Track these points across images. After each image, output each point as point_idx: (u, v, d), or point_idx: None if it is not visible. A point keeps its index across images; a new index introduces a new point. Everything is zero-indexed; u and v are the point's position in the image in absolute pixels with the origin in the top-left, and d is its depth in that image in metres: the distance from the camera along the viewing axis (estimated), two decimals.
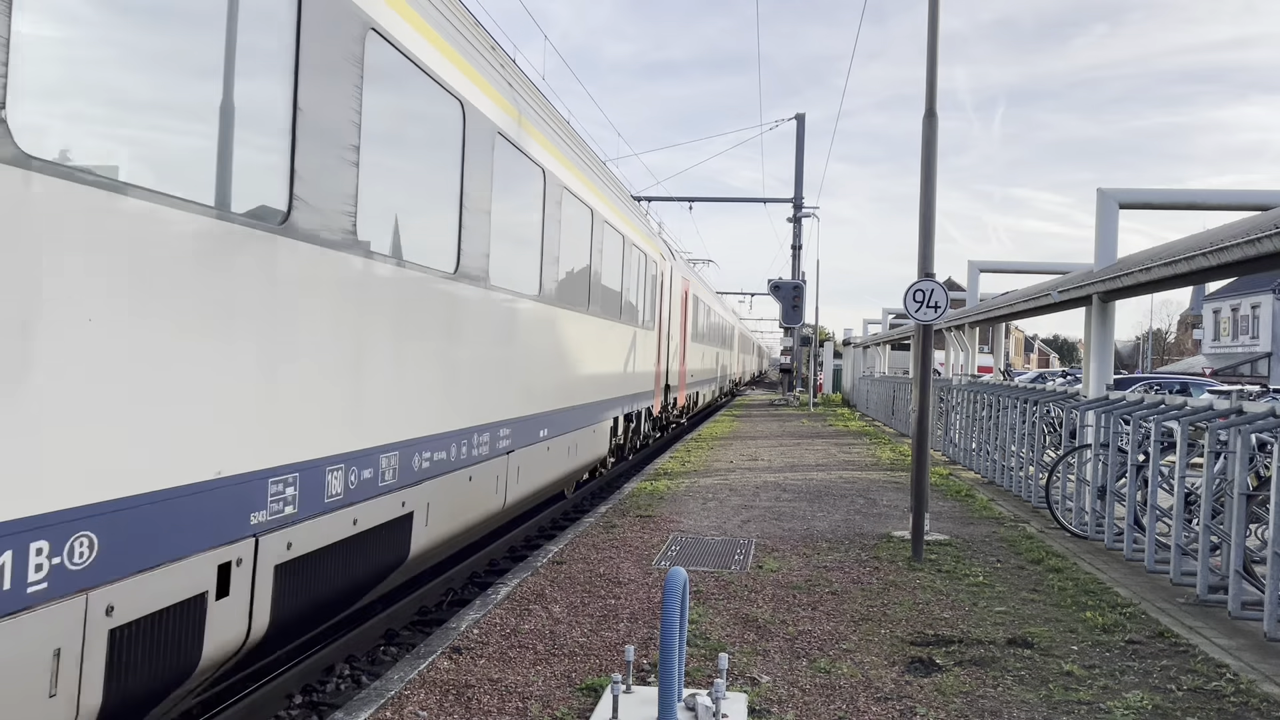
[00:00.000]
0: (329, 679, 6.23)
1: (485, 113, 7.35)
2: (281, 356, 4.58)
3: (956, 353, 24.76)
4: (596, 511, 10.95)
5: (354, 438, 5.30)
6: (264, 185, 4.47)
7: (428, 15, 6.27)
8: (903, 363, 43.06)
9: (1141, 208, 14.28)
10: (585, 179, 10.97)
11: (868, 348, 42.63)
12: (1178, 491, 8.03)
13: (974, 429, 16.33)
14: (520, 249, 8.45)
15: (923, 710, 5.06)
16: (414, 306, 6.06)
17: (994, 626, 6.63)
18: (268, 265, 4.43)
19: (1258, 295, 55.32)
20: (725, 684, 4.53)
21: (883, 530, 10.28)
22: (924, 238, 9.50)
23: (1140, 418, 9.05)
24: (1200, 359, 63.42)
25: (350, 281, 5.20)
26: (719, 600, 7.15)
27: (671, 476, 14.36)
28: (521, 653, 5.81)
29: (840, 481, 14.42)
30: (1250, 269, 10.06)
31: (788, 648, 6.05)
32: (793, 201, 38.74)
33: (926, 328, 9.52)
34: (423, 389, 6.24)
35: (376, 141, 5.54)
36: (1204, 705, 5.24)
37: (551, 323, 9.57)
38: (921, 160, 9.55)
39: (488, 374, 7.59)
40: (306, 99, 4.77)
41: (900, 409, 25.46)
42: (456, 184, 6.82)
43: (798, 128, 38.39)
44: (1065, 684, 5.50)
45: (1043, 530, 10.56)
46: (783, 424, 27.87)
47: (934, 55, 9.56)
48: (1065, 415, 12.18)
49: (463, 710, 4.90)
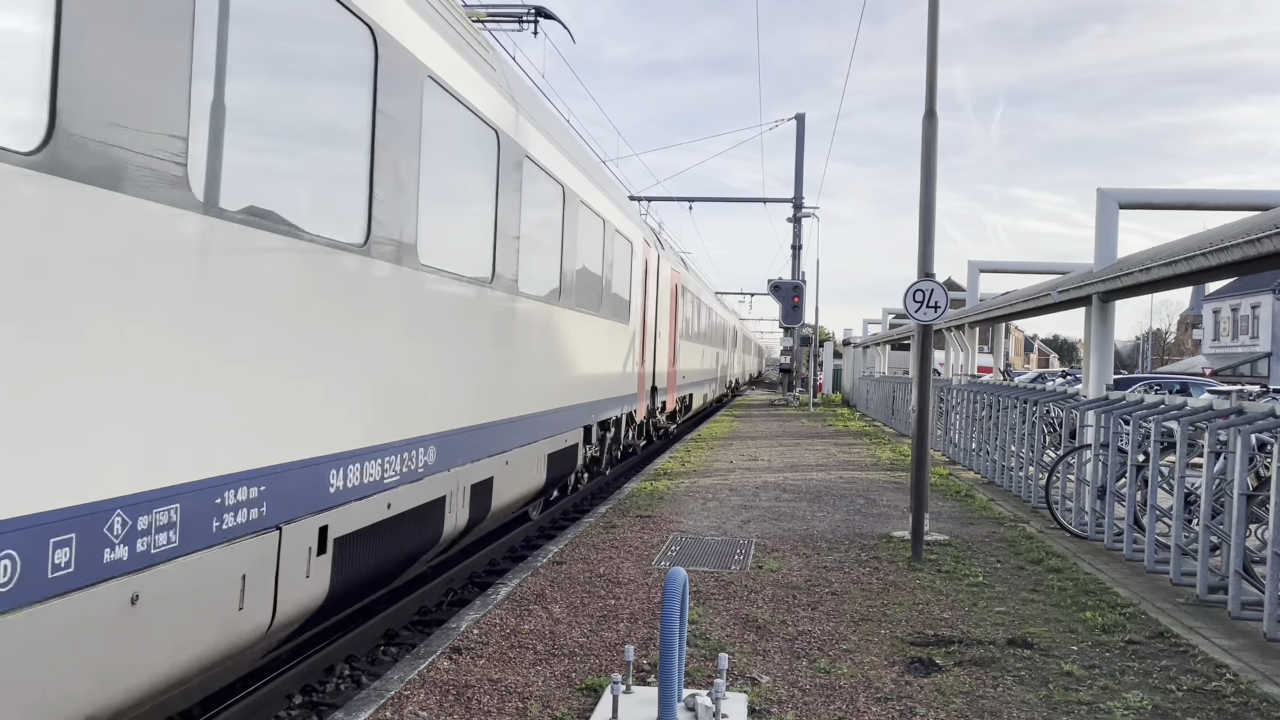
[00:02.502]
0: (329, 679, 6.23)
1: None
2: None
3: (956, 353, 24.77)
4: (596, 511, 10.95)
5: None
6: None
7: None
8: (903, 363, 43.06)
9: (1141, 208, 14.29)
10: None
11: (867, 348, 42.63)
12: (1178, 491, 8.03)
13: (974, 429, 16.33)
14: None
15: (923, 710, 5.06)
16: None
17: (994, 627, 6.63)
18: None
19: (1258, 295, 55.32)
20: (725, 684, 4.53)
21: (883, 530, 10.29)
22: (924, 238, 9.50)
23: (1140, 418, 9.05)
24: (1200, 359, 63.43)
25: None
26: (719, 600, 7.15)
27: (671, 476, 14.36)
28: (521, 653, 5.81)
29: (840, 481, 14.42)
30: (1250, 269, 10.07)
31: (787, 648, 6.05)
32: (793, 201, 38.75)
33: (926, 328, 9.52)
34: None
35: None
36: (1204, 705, 5.24)
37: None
38: (921, 160, 9.55)
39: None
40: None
41: (900, 409, 25.46)
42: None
43: (797, 128, 38.40)
44: (1065, 684, 5.50)
45: (1042, 530, 10.56)
46: (783, 424, 27.87)
47: (934, 55, 9.57)
48: (1065, 415, 12.18)
49: (463, 710, 4.90)
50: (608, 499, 12.03)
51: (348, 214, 5.21)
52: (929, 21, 9.59)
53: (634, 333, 14.61)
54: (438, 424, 6.55)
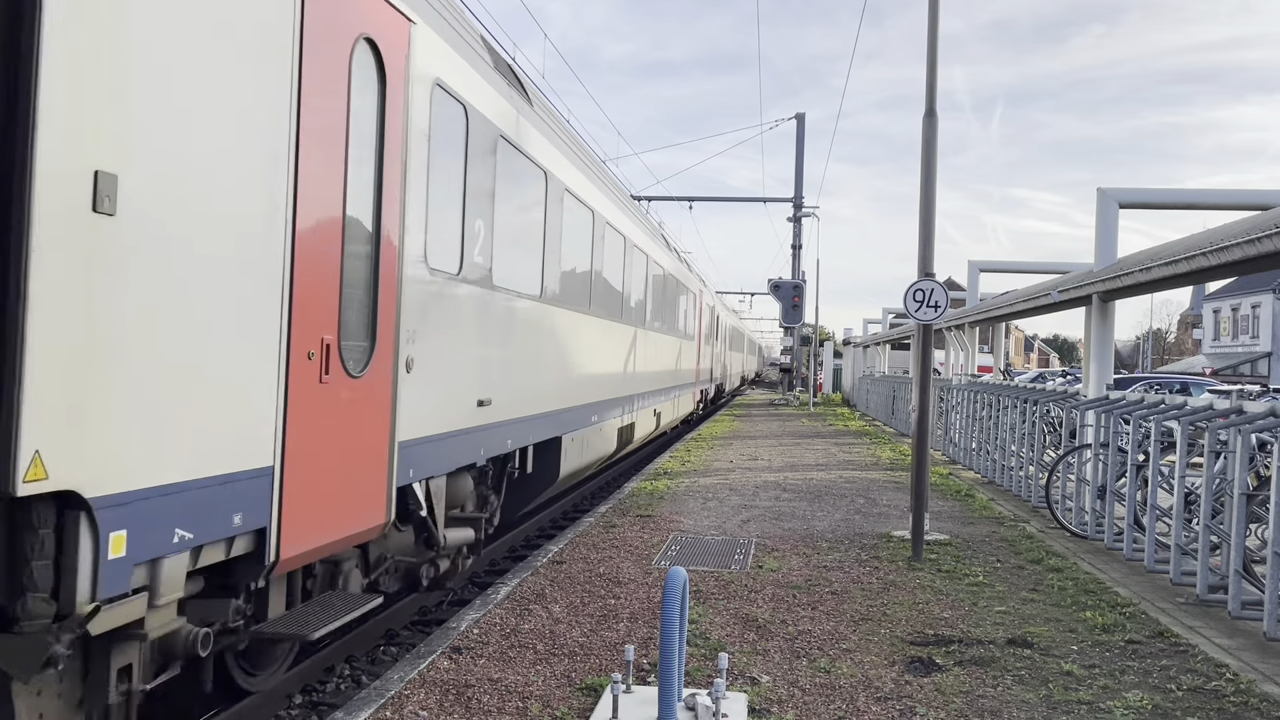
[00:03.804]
0: (329, 679, 6.23)
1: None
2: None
3: (956, 352, 24.77)
4: (596, 511, 10.95)
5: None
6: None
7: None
8: (903, 363, 43.04)
9: (1141, 207, 14.30)
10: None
11: (868, 347, 42.64)
12: (1178, 491, 8.03)
13: (974, 429, 16.33)
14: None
15: (922, 710, 5.06)
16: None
17: (994, 626, 6.63)
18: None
19: (1258, 295, 55.31)
20: (725, 684, 4.53)
21: (883, 530, 10.29)
22: (924, 237, 9.50)
23: (1140, 417, 9.05)
24: (1200, 359, 63.43)
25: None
26: (719, 600, 7.15)
27: (671, 476, 14.36)
28: (521, 652, 5.81)
29: (840, 481, 14.42)
30: (1250, 269, 10.07)
31: (787, 647, 6.05)
32: (793, 201, 38.74)
33: (926, 327, 9.52)
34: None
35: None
36: (1204, 705, 5.24)
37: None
38: (921, 160, 9.55)
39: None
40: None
41: (900, 409, 25.46)
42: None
43: (797, 127, 38.40)
44: (1065, 684, 5.50)
45: (1043, 530, 10.56)
46: (783, 424, 27.87)
47: (934, 56, 9.57)
48: (1065, 415, 12.18)
49: (463, 710, 4.90)
50: (608, 499, 12.03)
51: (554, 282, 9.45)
52: (929, 21, 9.59)
53: (694, 345, 22.92)
54: (619, 390, 12.80)
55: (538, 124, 8.75)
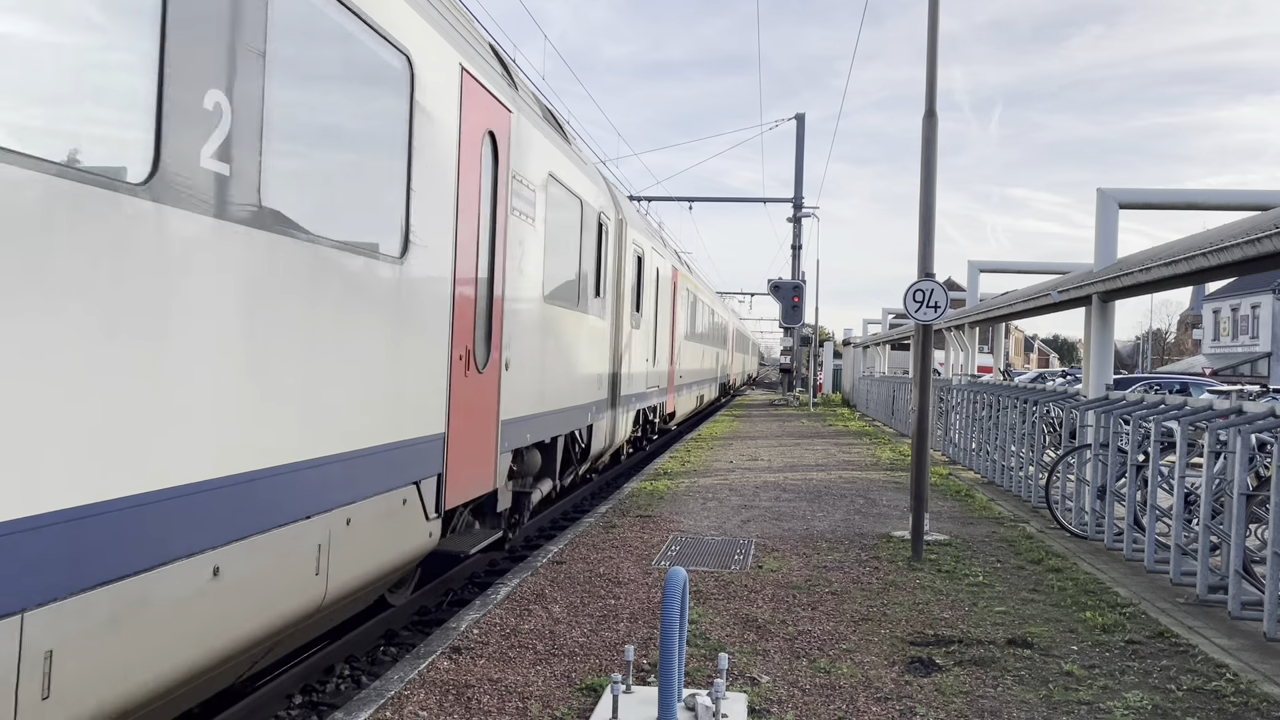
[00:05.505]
0: (329, 679, 6.23)
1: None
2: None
3: (956, 353, 24.76)
4: (596, 511, 10.95)
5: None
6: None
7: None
8: (903, 363, 43.04)
9: (1141, 208, 14.28)
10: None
11: (868, 348, 42.63)
12: (1177, 491, 8.03)
13: (974, 429, 16.33)
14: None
15: (922, 710, 5.06)
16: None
17: (994, 626, 6.63)
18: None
19: (1258, 295, 55.32)
20: (725, 684, 4.53)
21: (882, 530, 10.29)
22: (924, 237, 9.50)
23: (1140, 418, 9.05)
24: (1200, 359, 63.43)
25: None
26: (719, 600, 7.15)
27: (671, 476, 14.36)
28: (521, 653, 5.81)
29: (840, 481, 14.42)
30: (1250, 269, 10.06)
31: (787, 648, 6.05)
32: (792, 201, 38.75)
33: (926, 328, 9.52)
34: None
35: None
36: (1204, 705, 5.24)
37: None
38: (921, 160, 9.55)
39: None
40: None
41: (900, 409, 25.46)
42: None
43: (797, 128, 38.40)
44: (1065, 684, 5.50)
45: (1042, 530, 10.56)
46: (782, 424, 27.87)
47: (934, 56, 9.57)
48: (1065, 415, 12.18)
49: (463, 710, 4.90)
50: (608, 499, 12.03)
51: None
52: (929, 22, 9.59)
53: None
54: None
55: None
